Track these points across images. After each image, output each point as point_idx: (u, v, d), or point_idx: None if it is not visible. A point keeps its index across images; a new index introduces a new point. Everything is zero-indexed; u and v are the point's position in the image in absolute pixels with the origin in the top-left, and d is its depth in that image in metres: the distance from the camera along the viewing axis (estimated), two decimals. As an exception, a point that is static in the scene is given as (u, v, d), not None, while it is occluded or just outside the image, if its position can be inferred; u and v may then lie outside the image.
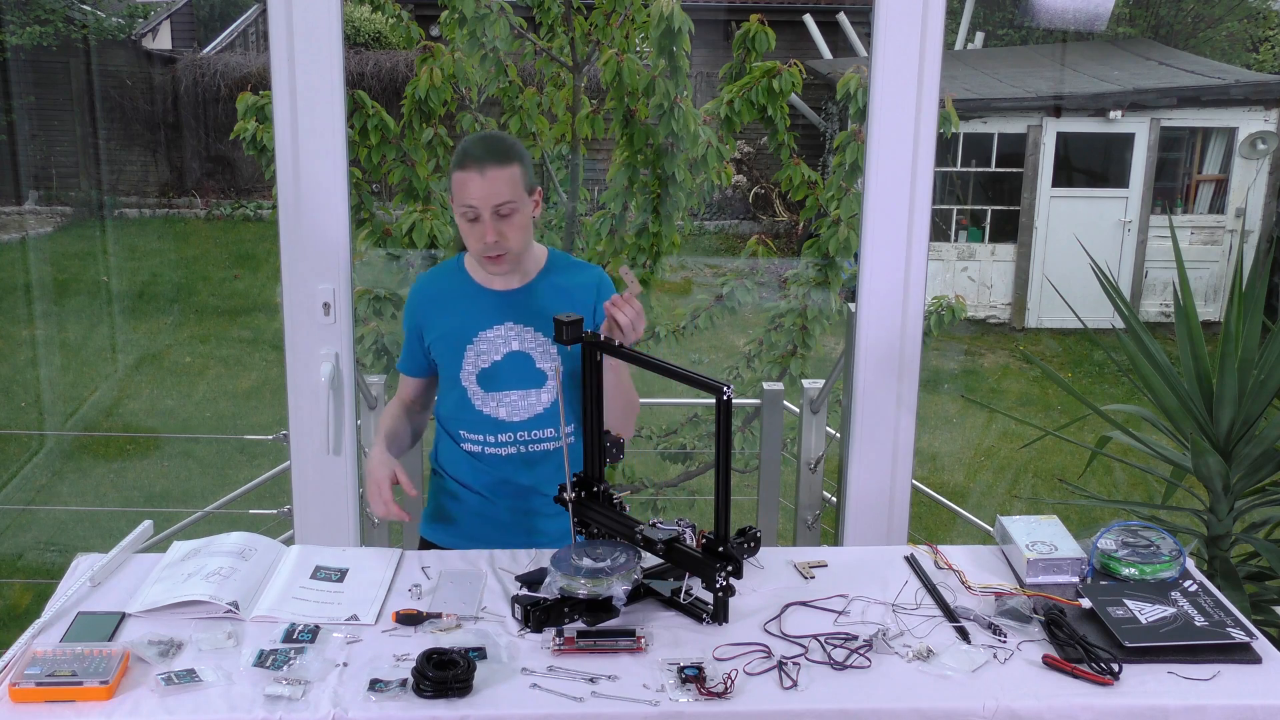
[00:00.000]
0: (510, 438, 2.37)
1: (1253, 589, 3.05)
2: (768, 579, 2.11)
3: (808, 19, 11.54)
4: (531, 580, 2.05)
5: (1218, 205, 10.23)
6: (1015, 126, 9.91)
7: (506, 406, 2.36)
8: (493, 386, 2.35)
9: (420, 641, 1.88)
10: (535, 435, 2.36)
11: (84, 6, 11.51)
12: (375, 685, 1.74)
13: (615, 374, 2.25)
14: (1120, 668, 1.81)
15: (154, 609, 1.95)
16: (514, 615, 1.96)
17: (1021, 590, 2.07)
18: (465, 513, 2.44)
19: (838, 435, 3.47)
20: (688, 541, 2.00)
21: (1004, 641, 1.91)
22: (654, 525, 2.01)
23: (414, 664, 1.75)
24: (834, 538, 3.34)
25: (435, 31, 5.05)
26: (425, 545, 2.47)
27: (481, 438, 2.38)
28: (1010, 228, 10.15)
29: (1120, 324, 3.21)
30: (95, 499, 6.59)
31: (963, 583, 2.11)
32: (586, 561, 1.97)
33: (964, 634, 1.93)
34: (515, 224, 2.26)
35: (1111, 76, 10.50)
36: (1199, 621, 1.93)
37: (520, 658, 1.84)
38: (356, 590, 2.04)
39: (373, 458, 2.34)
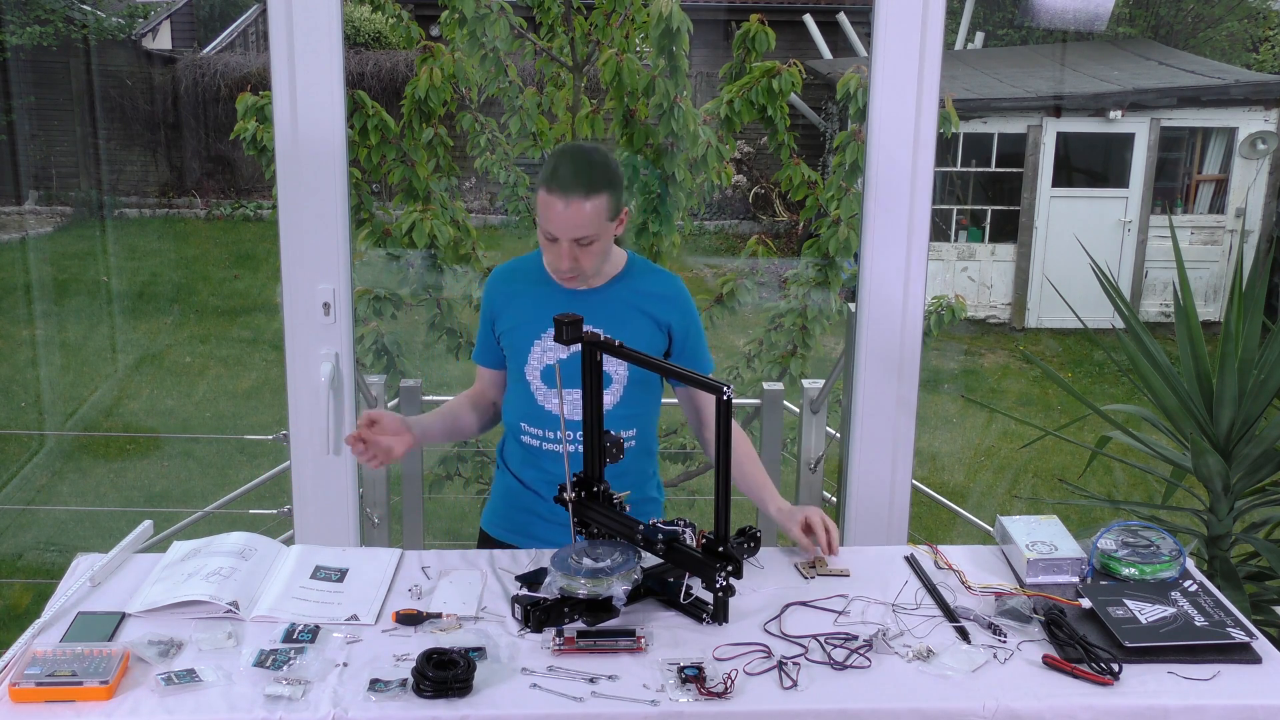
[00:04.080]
0: (571, 435, 2.37)
1: (1253, 589, 3.05)
2: (768, 579, 2.11)
3: (808, 19, 11.54)
4: (531, 580, 2.05)
5: (1218, 205, 10.23)
6: (1015, 126, 9.91)
7: (569, 404, 2.34)
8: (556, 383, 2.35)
9: (420, 641, 1.88)
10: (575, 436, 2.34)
11: (84, 6, 11.51)
12: (375, 685, 1.74)
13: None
14: (1120, 668, 1.81)
15: (154, 609, 1.95)
16: (514, 615, 1.96)
17: (1021, 590, 2.07)
18: (520, 508, 2.45)
19: (838, 435, 3.47)
20: (687, 541, 2.00)
21: (1004, 641, 1.91)
22: (654, 525, 2.01)
23: (414, 664, 1.75)
24: (834, 538, 3.34)
25: (435, 31, 5.04)
26: (484, 536, 2.50)
27: (540, 433, 2.38)
28: (1010, 228, 10.15)
29: (1120, 324, 3.21)
30: (95, 499, 6.59)
31: (963, 583, 2.11)
32: (586, 561, 1.97)
33: (964, 634, 1.93)
34: (592, 252, 2.24)
35: (1111, 76, 10.49)
36: (1199, 621, 1.93)
37: (520, 658, 1.84)
38: (356, 590, 2.04)
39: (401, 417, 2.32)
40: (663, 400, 2.52)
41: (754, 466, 2.41)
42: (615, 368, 2.34)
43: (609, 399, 2.34)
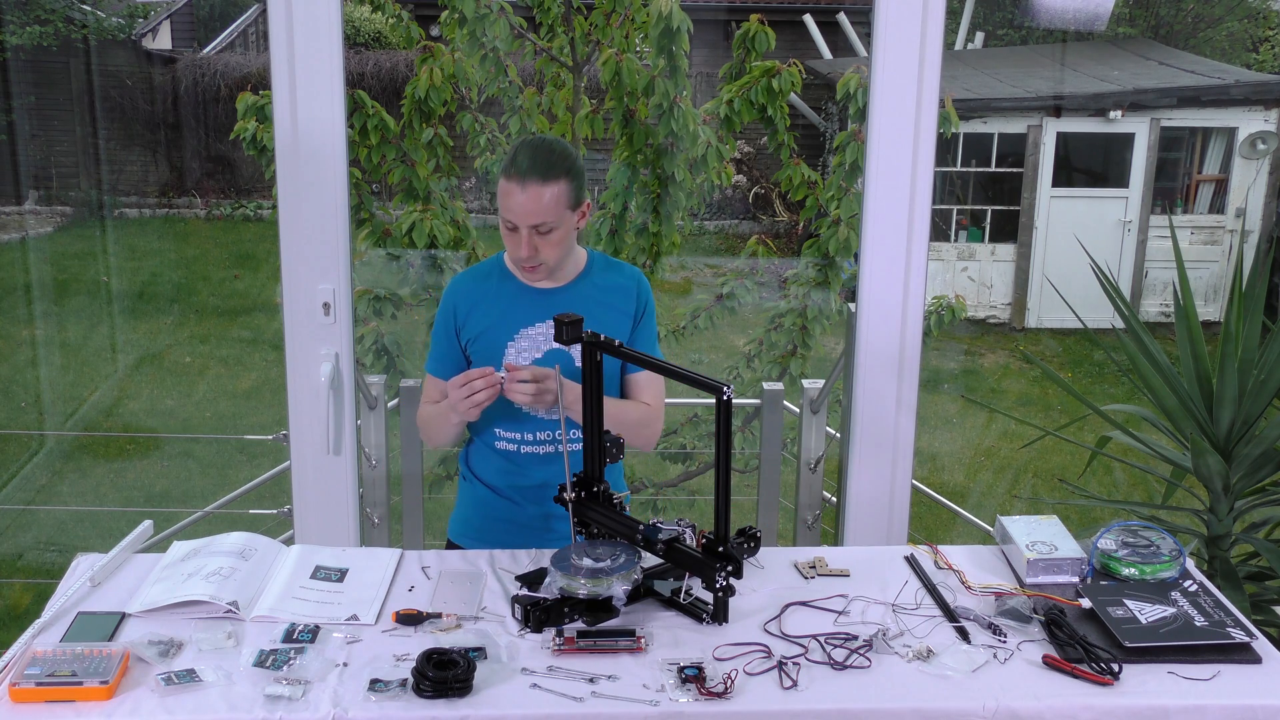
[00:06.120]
0: (548, 435, 2.38)
1: (1253, 589, 3.05)
2: (768, 579, 2.11)
3: (808, 19, 11.53)
4: (531, 580, 2.05)
5: (1218, 205, 10.22)
6: (1015, 126, 9.91)
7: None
8: None
9: (420, 641, 1.88)
10: (573, 434, 2.33)
11: (84, 6, 11.50)
12: (375, 685, 1.74)
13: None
14: (1120, 668, 1.81)
15: (154, 609, 1.95)
16: (514, 615, 1.96)
17: (1021, 590, 2.07)
18: (492, 518, 2.44)
19: (838, 435, 3.47)
20: (688, 541, 2.00)
21: (1004, 641, 1.91)
22: (654, 525, 2.01)
23: (414, 664, 1.75)
24: (834, 538, 3.34)
25: (435, 31, 5.05)
26: (452, 549, 2.46)
27: (518, 435, 2.38)
28: (1010, 228, 10.15)
29: (1120, 324, 3.21)
30: (95, 499, 6.59)
31: (963, 583, 2.11)
32: (586, 561, 1.97)
33: (964, 634, 1.93)
34: (552, 240, 2.25)
35: (1111, 76, 10.49)
36: (1199, 621, 1.93)
37: (520, 658, 1.84)
38: (356, 590, 2.04)
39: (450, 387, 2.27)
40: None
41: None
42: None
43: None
